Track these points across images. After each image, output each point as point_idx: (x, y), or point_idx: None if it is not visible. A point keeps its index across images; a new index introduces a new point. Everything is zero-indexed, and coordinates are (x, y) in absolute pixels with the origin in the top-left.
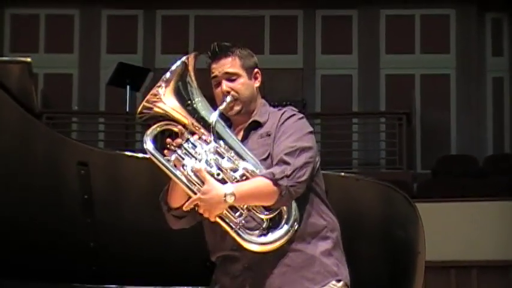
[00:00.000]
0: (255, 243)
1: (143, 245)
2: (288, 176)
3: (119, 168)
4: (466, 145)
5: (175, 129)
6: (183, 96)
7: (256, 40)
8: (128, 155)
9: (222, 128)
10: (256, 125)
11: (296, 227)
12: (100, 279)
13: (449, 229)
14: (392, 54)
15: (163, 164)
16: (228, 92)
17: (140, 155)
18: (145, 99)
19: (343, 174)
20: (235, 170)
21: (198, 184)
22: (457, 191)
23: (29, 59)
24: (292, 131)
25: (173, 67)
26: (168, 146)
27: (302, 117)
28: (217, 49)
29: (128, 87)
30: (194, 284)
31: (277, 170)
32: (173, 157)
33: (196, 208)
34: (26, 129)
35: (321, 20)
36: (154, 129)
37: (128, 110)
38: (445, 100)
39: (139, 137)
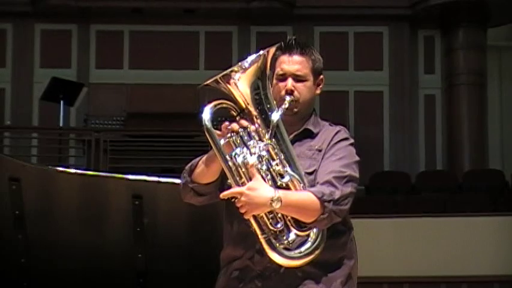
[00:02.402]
0: (281, 254)
1: (75, 259)
2: (334, 201)
3: (51, 183)
4: (398, 162)
5: (235, 113)
6: (253, 85)
7: (191, 56)
8: (60, 170)
9: (280, 129)
10: (307, 134)
11: (320, 250)
12: None
13: (382, 245)
14: (326, 71)
15: (215, 142)
16: (292, 92)
17: (72, 170)
18: (219, 75)
19: None
20: (282, 176)
21: (245, 178)
22: (389, 207)
23: None
24: (343, 155)
25: (254, 56)
26: (224, 127)
27: (353, 144)
28: (293, 44)
29: (61, 102)
30: None
31: (326, 191)
32: (226, 140)
33: (233, 200)
34: None
35: (255, 36)
36: (217, 104)
37: (61, 124)
38: (378, 117)
39: (72, 152)
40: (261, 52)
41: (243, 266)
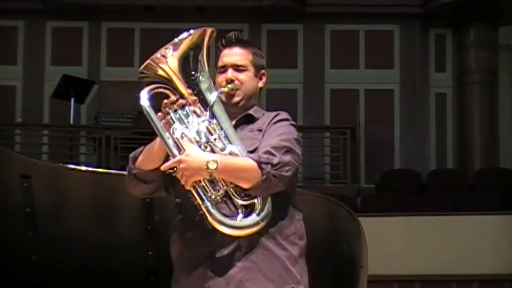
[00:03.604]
0: (224, 223)
1: (86, 257)
2: (272, 165)
3: (61, 181)
4: (409, 160)
5: (173, 96)
6: (188, 66)
7: None
8: (70, 168)
9: (219, 109)
10: (249, 120)
11: (265, 222)
12: None
13: (392, 243)
14: (337, 69)
15: (154, 123)
16: (232, 80)
17: (83, 167)
18: (151, 57)
19: None
20: (222, 149)
21: (184, 149)
22: (400, 205)
23: None
24: (282, 132)
25: (185, 34)
26: (163, 107)
27: (294, 125)
28: (233, 38)
29: (72, 99)
30: None
31: (263, 155)
32: (165, 119)
33: (174, 173)
34: None
35: (266, 33)
36: (153, 88)
37: (72, 122)
38: (389, 115)
39: (83, 149)
40: (192, 31)
41: (190, 253)
